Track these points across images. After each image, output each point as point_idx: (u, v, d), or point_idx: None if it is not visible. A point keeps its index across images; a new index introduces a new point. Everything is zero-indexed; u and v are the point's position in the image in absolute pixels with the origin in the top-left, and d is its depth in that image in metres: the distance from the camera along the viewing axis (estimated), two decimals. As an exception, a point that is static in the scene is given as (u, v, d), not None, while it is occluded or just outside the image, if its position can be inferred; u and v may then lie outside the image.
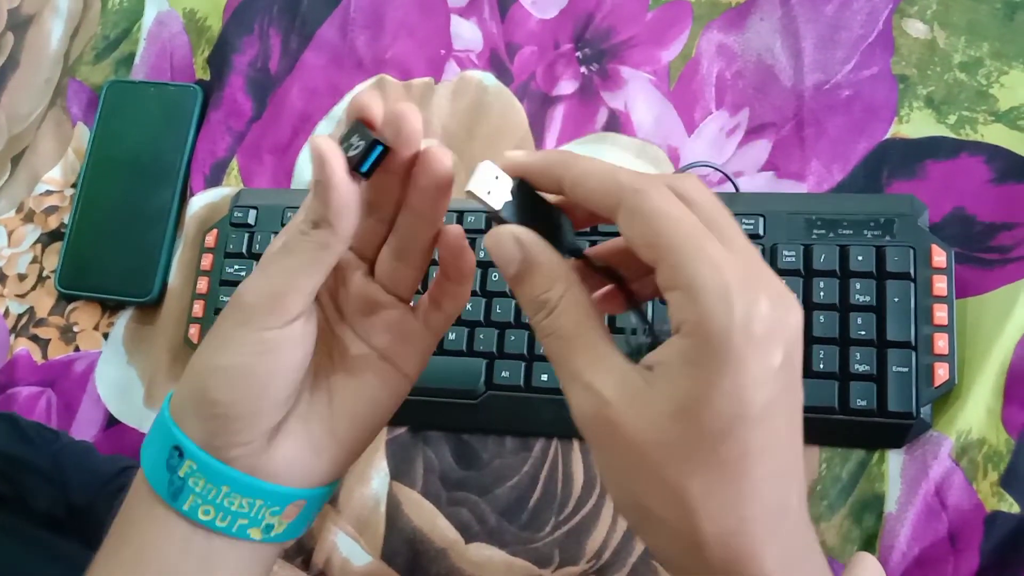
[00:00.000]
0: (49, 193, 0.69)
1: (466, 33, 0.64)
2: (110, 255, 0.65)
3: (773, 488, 0.26)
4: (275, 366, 0.30)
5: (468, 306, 0.54)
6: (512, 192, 0.30)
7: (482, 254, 0.54)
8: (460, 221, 0.56)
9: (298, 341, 0.31)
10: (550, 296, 0.29)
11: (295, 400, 0.32)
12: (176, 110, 0.67)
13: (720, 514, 0.26)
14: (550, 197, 0.31)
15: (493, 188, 0.29)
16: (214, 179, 0.65)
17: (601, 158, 0.57)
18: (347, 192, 0.29)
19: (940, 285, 0.49)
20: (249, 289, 0.30)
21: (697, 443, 0.26)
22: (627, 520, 0.30)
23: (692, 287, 0.25)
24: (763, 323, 0.25)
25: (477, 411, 0.54)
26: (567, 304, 0.28)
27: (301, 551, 0.55)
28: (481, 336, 0.53)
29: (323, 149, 0.28)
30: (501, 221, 0.30)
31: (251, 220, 0.60)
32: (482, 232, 0.55)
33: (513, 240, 0.29)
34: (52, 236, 0.68)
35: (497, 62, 0.63)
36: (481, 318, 0.54)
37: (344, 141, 0.29)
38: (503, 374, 0.52)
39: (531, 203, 0.30)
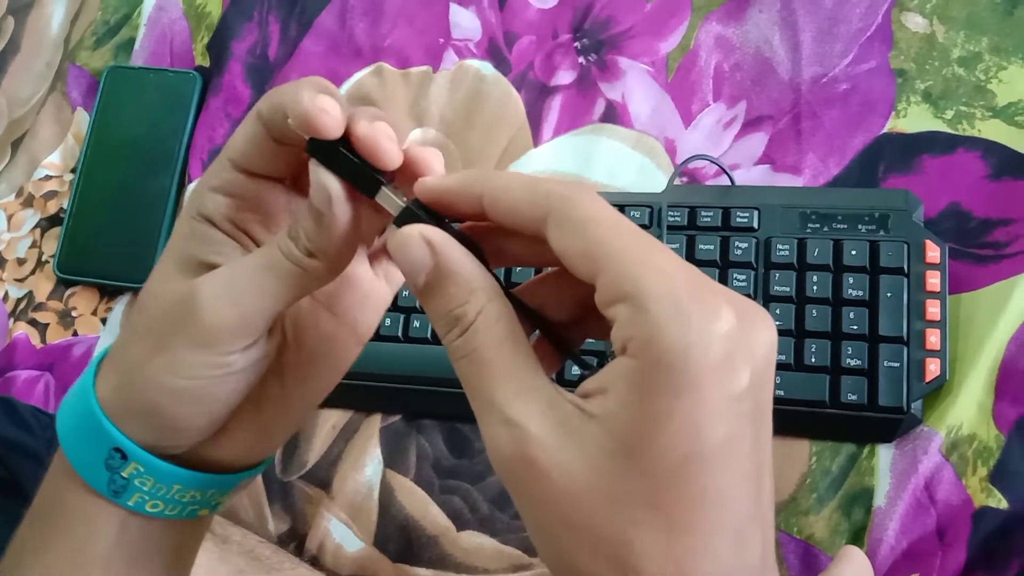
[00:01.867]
0: (48, 178, 0.69)
1: (465, 22, 0.64)
2: (109, 240, 0.65)
3: (732, 542, 0.22)
4: (236, 385, 0.29)
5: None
6: (415, 202, 0.26)
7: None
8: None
9: (260, 356, 0.29)
10: (465, 311, 0.24)
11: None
12: (175, 96, 0.67)
13: (665, 574, 0.22)
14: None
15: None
16: (212, 166, 0.65)
17: (598, 149, 0.58)
18: (351, 230, 0.26)
19: (933, 280, 0.49)
20: (212, 308, 0.27)
21: (641, 487, 0.21)
22: None
23: (640, 296, 0.21)
24: (726, 341, 0.21)
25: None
26: (485, 321, 0.24)
27: (294, 536, 0.56)
28: (475, 326, 0.54)
29: (330, 188, 0.25)
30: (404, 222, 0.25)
31: (248, 207, 0.60)
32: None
33: (422, 242, 0.24)
34: (51, 221, 0.68)
35: (495, 51, 0.63)
36: (475, 308, 0.54)
37: (327, 151, 0.26)
38: (496, 364, 0.53)
39: (436, 217, 0.26)
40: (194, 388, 0.28)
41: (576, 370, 0.51)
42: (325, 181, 0.25)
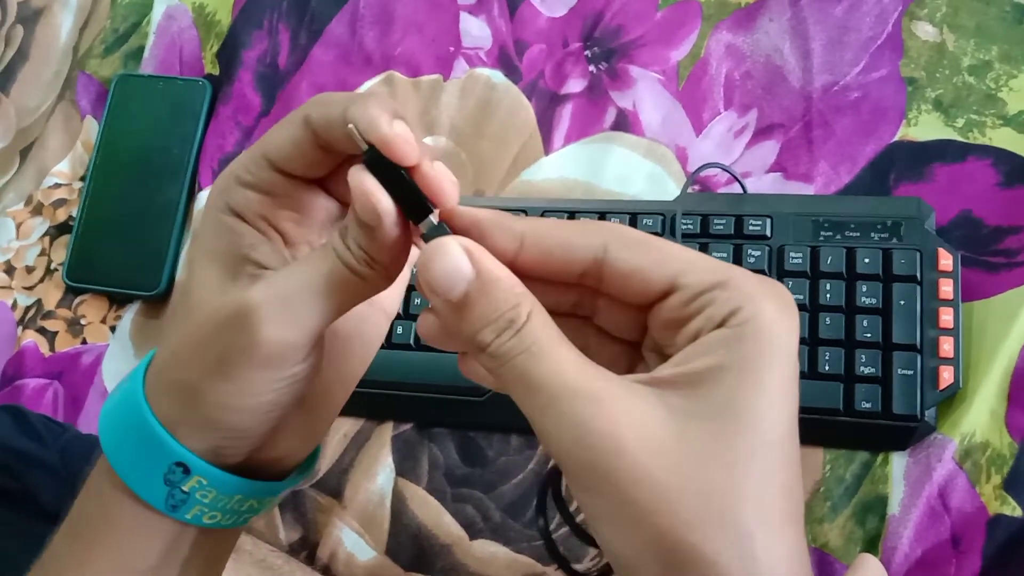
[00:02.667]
0: (57, 186, 0.69)
1: (475, 30, 0.64)
2: (118, 249, 0.65)
3: (798, 499, 0.24)
4: (300, 391, 0.28)
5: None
6: (442, 224, 0.25)
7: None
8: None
9: (318, 358, 0.28)
10: (519, 312, 0.24)
11: None
12: (185, 104, 0.67)
13: (775, 548, 0.22)
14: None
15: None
16: (222, 174, 0.65)
17: (609, 157, 0.58)
18: (403, 241, 0.26)
19: (946, 288, 0.49)
20: (273, 329, 0.26)
21: (747, 447, 0.22)
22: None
23: (735, 280, 0.24)
24: (797, 320, 0.24)
25: (483, 408, 0.54)
26: (540, 317, 0.24)
27: (306, 545, 0.56)
28: (487, 334, 0.54)
29: (381, 206, 0.25)
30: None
31: (259, 215, 0.60)
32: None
33: (461, 251, 0.24)
34: (60, 229, 0.68)
35: (506, 60, 0.63)
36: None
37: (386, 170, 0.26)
38: (509, 372, 0.52)
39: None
40: (260, 404, 0.28)
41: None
42: (376, 199, 0.25)
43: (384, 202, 0.25)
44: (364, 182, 0.25)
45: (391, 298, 0.32)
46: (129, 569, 0.30)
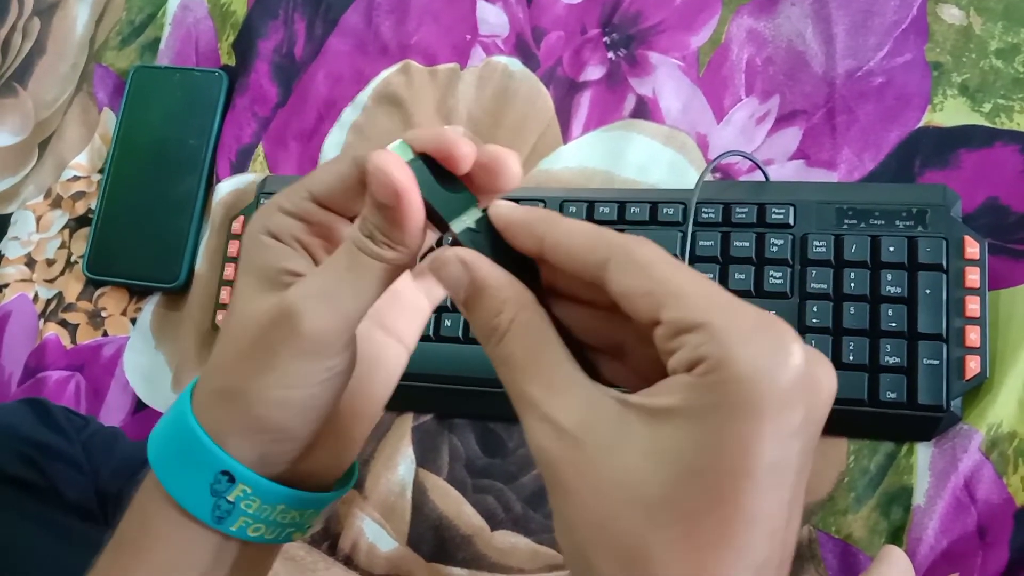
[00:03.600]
0: (76, 179, 0.69)
1: (492, 18, 0.64)
2: (137, 241, 0.65)
3: (753, 565, 0.22)
4: (338, 389, 0.30)
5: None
6: (476, 221, 0.27)
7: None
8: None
9: (352, 357, 0.30)
10: (500, 320, 0.25)
11: None
12: (201, 95, 0.67)
13: None
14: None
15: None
16: (240, 165, 0.65)
17: (629, 145, 0.57)
18: (418, 218, 0.27)
19: (972, 277, 0.48)
20: (312, 316, 0.28)
21: (676, 493, 0.22)
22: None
23: (712, 324, 0.22)
24: (793, 374, 0.22)
25: (502, 399, 0.53)
26: (518, 328, 0.25)
27: (327, 536, 0.56)
28: (507, 325, 0.53)
29: (398, 183, 0.26)
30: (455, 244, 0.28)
31: (277, 207, 0.60)
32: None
33: (457, 261, 0.26)
34: (80, 222, 0.68)
35: (523, 47, 0.63)
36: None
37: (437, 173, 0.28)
38: (529, 363, 0.52)
39: (495, 236, 0.27)
40: (304, 397, 0.29)
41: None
42: (394, 176, 0.27)
43: (401, 179, 0.26)
44: (382, 161, 0.27)
45: (409, 333, 0.34)
46: None
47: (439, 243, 0.31)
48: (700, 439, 0.22)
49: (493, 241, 0.27)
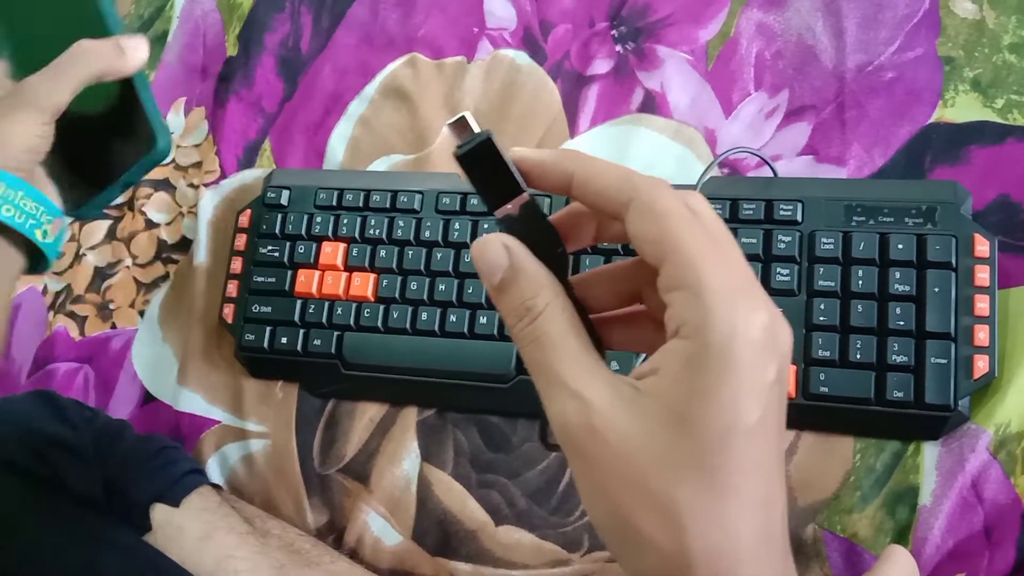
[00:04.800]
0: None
1: (499, 11, 0.63)
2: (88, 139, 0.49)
3: (762, 510, 0.25)
4: None
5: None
6: (520, 207, 0.29)
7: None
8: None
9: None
10: (536, 302, 0.28)
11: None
12: None
13: (709, 532, 0.25)
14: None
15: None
16: (247, 161, 0.65)
17: (637, 139, 0.57)
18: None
19: (982, 275, 0.48)
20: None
21: (689, 452, 0.25)
22: (607, 541, 0.28)
23: (698, 285, 0.25)
24: (763, 334, 0.25)
25: (507, 395, 0.54)
26: (554, 310, 0.28)
27: (333, 530, 0.56)
28: (512, 321, 0.53)
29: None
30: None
31: (284, 200, 0.60)
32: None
33: (501, 246, 0.28)
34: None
35: (530, 40, 0.62)
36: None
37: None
38: (534, 359, 0.52)
39: (533, 226, 0.29)
40: None
41: (615, 365, 0.50)
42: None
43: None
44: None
45: None
46: None
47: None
48: (691, 396, 0.25)
49: (531, 229, 0.29)
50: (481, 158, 0.28)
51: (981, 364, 0.47)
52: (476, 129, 0.28)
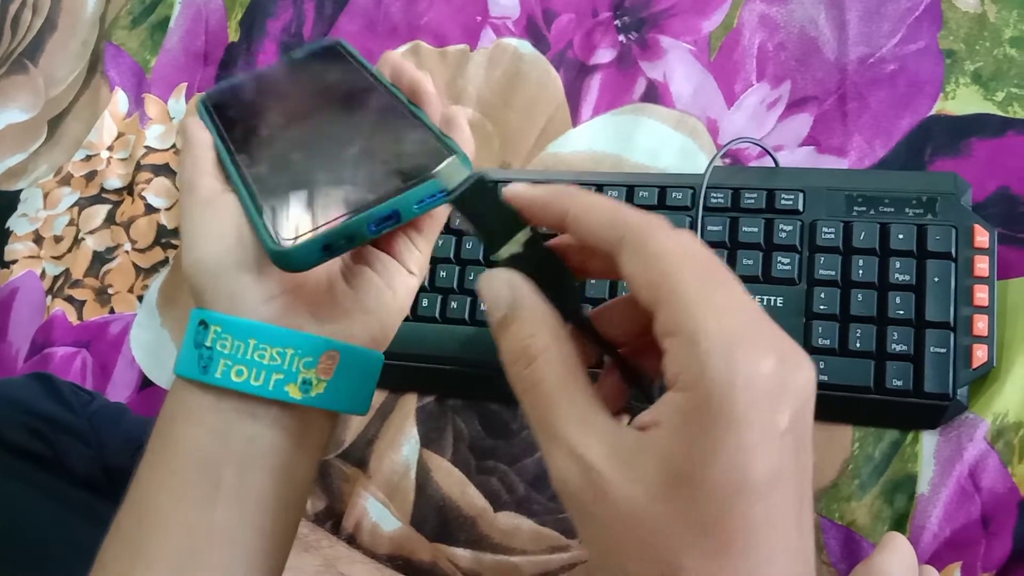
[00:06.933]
0: (88, 158, 0.69)
1: None
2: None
3: (779, 568, 0.23)
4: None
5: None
6: (523, 244, 0.28)
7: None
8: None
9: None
10: (533, 343, 0.26)
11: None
12: None
13: None
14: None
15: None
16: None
17: (639, 129, 0.57)
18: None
19: (981, 266, 0.48)
20: None
21: (695, 515, 0.23)
22: None
23: (695, 332, 0.23)
24: (769, 380, 0.23)
25: (506, 382, 0.54)
26: (551, 356, 0.26)
27: (331, 515, 0.56)
28: (513, 307, 0.53)
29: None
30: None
31: (285, 186, 0.60)
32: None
33: (505, 282, 0.27)
34: (91, 200, 0.68)
35: (534, 29, 0.62)
36: (514, 289, 0.54)
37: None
38: (535, 345, 0.52)
39: (539, 261, 0.28)
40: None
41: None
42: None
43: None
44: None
45: (418, 264, 0.37)
46: (189, 456, 0.32)
47: (489, 263, 0.32)
48: (693, 453, 0.23)
49: (538, 267, 0.28)
50: (477, 199, 0.28)
51: (980, 354, 0.47)
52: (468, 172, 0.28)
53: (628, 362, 0.29)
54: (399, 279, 0.35)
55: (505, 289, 0.27)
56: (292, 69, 0.41)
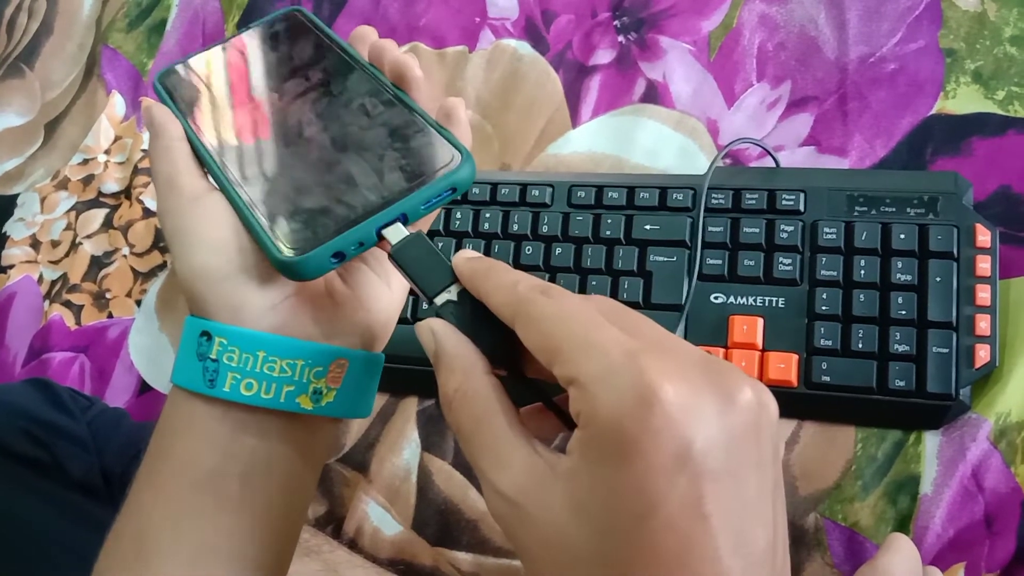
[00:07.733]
0: (85, 162, 0.69)
1: (501, 0, 0.63)
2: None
3: None
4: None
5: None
6: (457, 295, 0.29)
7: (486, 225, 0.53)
8: (494, 193, 0.55)
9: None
10: (450, 387, 0.27)
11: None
12: None
13: None
14: None
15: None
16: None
17: (639, 129, 0.57)
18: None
19: (983, 265, 0.48)
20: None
21: (596, 547, 0.23)
22: None
23: (580, 378, 0.23)
24: (662, 409, 0.22)
25: (505, 386, 0.53)
26: (463, 397, 0.27)
27: (332, 519, 0.56)
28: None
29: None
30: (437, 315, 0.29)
31: (284, 189, 0.60)
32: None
33: (429, 331, 0.28)
34: (89, 204, 0.68)
35: (533, 30, 0.62)
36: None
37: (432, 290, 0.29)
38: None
39: (472, 309, 0.29)
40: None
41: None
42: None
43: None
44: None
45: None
46: (197, 467, 0.31)
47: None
48: (600, 492, 0.23)
49: (472, 315, 0.28)
50: (413, 253, 0.29)
51: (982, 353, 0.47)
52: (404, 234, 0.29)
53: (553, 401, 0.29)
54: (394, 274, 0.35)
55: (427, 336, 0.28)
56: (255, 45, 0.38)
